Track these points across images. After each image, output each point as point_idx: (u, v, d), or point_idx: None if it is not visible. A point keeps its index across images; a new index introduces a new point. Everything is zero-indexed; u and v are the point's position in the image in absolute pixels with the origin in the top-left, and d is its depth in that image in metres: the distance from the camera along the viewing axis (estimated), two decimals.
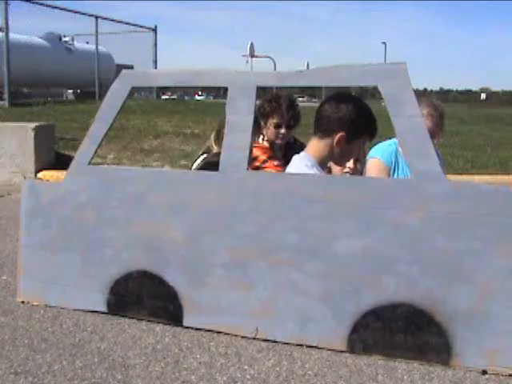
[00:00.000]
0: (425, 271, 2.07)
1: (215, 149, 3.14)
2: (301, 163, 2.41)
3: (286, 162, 3.16)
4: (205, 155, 3.10)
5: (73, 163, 2.52)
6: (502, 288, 2.00)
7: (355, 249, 2.13)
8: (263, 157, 3.26)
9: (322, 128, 2.39)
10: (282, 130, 3.32)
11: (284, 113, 3.30)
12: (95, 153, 2.50)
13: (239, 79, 2.32)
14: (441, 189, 2.04)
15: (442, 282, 2.05)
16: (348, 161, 2.62)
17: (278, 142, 3.37)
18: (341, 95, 2.49)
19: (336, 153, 2.40)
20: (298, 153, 2.67)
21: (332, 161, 2.51)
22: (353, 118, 2.33)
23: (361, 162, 2.97)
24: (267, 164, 3.23)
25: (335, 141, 2.35)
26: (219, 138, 3.12)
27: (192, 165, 3.15)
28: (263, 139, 3.40)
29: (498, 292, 2.01)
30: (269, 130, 3.37)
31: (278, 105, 3.32)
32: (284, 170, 3.05)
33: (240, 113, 2.28)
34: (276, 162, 3.23)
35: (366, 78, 2.17)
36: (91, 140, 2.49)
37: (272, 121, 3.32)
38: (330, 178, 2.32)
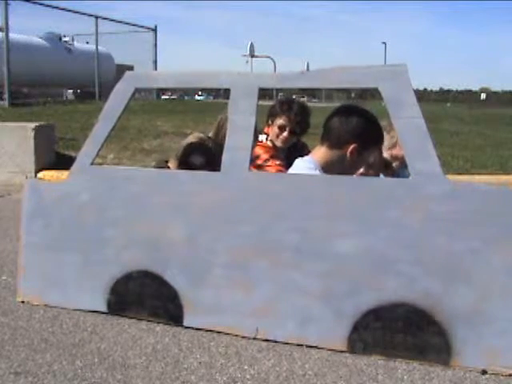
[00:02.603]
0: (425, 271, 2.07)
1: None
2: (303, 165, 2.42)
3: (288, 161, 3.17)
4: None
5: (75, 163, 2.52)
6: (501, 288, 2.00)
7: (355, 249, 2.13)
8: (265, 156, 3.26)
9: (332, 139, 2.41)
10: (285, 133, 3.31)
11: (292, 117, 3.28)
12: (98, 153, 2.50)
13: (241, 81, 2.32)
14: (441, 189, 2.04)
15: (442, 281, 2.05)
16: (355, 173, 2.57)
17: (279, 144, 3.36)
18: (350, 107, 2.56)
19: (348, 164, 2.41)
20: (300, 152, 2.68)
21: (341, 172, 2.43)
22: (364, 130, 2.38)
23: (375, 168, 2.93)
24: (269, 163, 3.23)
25: (349, 151, 2.38)
26: (219, 139, 3.08)
27: None
28: (267, 138, 3.40)
29: (497, 292, 2.01)
30: (273, 130, 3.36)
31: (288, 108, 3.30)
32: (286, 170, 3.06)
33: (242, 114, 2.29)
34: (278, 162, 3.23)
35: (367, 79, 2.18)
36: (94, 140, 2.49)
37: (278, 121, 3.31)
38: (331, 178, 2.32)
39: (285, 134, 3.31)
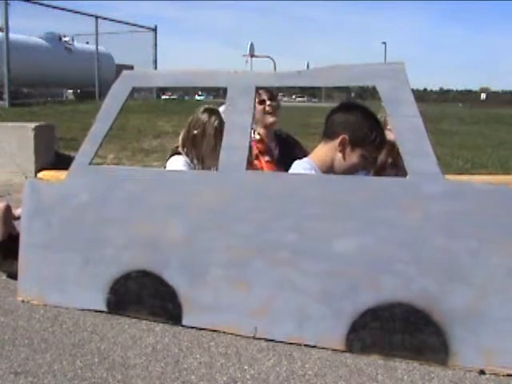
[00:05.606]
0: (422, 271, 2.07)
1: (183, 152, 3.08)
2: (299, 166, 2.42)
3: (280, 157, 3.15)
4: (176, 156, 3.08)
5: (74, 163, 2.53)
6: (499, 288, 2.01)
7: (353, 248, 2.14)
8: (255, 151, 3.21)
9: (327, 132, 2.42)
10: (268, 102, 3.27)
11: (259, 91, 3.26)
12: (96, 153, 2.51)
13: (238, 80, 2.33)
14: (438, 188, 2.04)
15: (440, 281, 2.06)
16: (350, 171, 2.41)
17: (271, 119, 3.28)
18: (350, 103, 2.58)
19: (338, 159, 2.38)
20: (293, 148, 2.65)
21: (336, 170, 2.41)
22: (357, 122, 2.35)
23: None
24: (258, 160, 3.19)
25: (337, 143, 2.36)
26: (189, 139, 3.10)
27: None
28: (254, 132, 3.34)
29: (495, 292, 2.01)
30: (257, 113, 3.30)
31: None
32: (275, 166, 3.06)
33: (239, 113, 2.29)
34: (267, 158, 3.19)
35: (364, 77, 2.18)
36: (92, 140, 2.49)
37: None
38: (328, 178, 2.32)
39: (268, 102, 3.28)
